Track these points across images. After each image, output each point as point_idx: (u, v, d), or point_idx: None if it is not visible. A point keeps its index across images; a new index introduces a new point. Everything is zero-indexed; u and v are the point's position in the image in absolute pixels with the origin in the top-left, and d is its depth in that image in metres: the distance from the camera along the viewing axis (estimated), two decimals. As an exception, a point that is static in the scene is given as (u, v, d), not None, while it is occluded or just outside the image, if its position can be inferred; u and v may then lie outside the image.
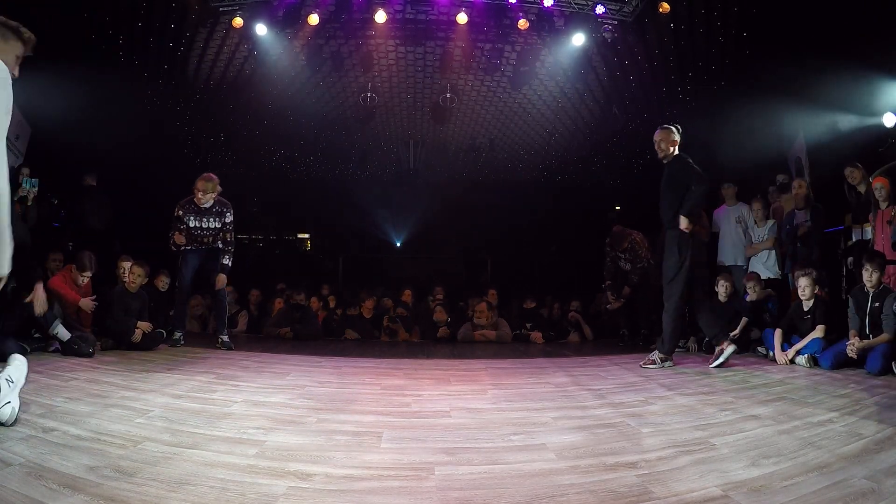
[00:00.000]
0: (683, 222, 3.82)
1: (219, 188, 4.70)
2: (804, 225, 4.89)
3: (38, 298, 3.71)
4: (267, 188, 10.43)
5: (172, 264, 5.06)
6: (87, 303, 4.43)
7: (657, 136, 4.00)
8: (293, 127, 8.35)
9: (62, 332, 3.78)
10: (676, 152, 3.97)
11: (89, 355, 3.68)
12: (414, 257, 11.00)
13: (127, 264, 4.72)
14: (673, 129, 3.98)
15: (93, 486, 1.34)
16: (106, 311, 4.46)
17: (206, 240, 4.73)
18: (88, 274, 4.52)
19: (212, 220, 4.73)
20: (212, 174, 4.73)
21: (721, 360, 3.80)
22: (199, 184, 4.63)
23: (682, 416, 2.29)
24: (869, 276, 3.80)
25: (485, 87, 7.44)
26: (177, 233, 4.66)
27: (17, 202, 5.12)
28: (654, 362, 3.85)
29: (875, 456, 1.68)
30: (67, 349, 3.72)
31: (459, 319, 6.63)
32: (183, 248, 4.71)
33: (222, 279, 4.77)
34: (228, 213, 4.78)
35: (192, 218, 4.68)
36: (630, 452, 1.75)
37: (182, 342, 4.68)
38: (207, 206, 4.68)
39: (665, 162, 3.99)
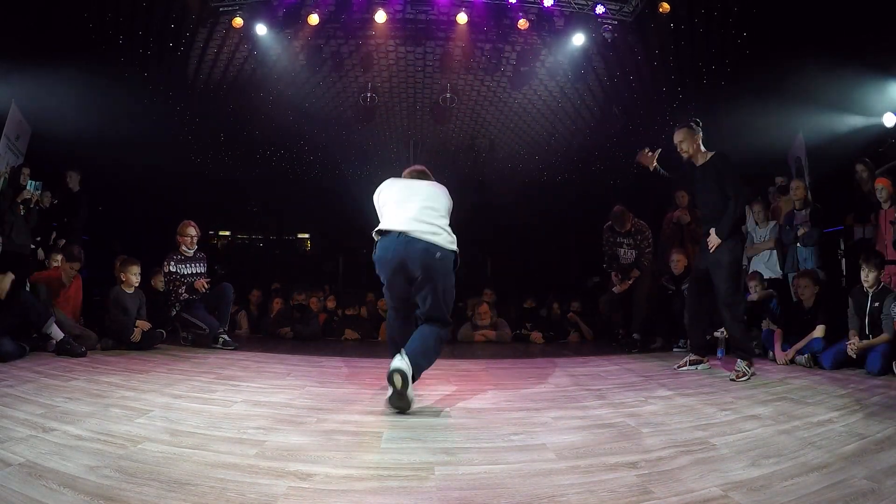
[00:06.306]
0: (714, 241, 3.50)
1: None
2: (803, 225, 4.90)
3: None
4: (267, 188, 10.41)
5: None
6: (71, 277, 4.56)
7: (677, 137, 3.64)
8: (293, 127, 8.34)
9: (55, 332, 3.75)
10: (705, 149, 3.66)
11: (82, 355, 3.67)
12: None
13: (136, 268, 4.63)
14: (692, 125, 3.64)
15: (93, 486, 1.35)
16: (105, 311, 4.46)
17: (193, 286, 4.83)
18: (77, 266, 4.60)
19: (196, 265, 4.97)
20: (192, 221, 4.98)
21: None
22: (191, 230, 4.88)
23: (682, 416, 2.29)
24: (866, 276, 3.80)
25: (485, 87, 7.43)
26: (182, 286, 4.80)
27: (21, 204, 5.11)
28: (744, 375, 3.28)
29: (875, 456, 1.68)
30: (61, 349, 3.70)
31: (459, 319, 6.62)
32: (186, 298, 4.79)
33: (202, 283, 4.88)
34: (204, 258, 5.09)
35: (182, 266, 4.87)
36: (630, 452, 1.75)
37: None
38: (191, 252, 4.93)
39: (696, 164, 3.64)
